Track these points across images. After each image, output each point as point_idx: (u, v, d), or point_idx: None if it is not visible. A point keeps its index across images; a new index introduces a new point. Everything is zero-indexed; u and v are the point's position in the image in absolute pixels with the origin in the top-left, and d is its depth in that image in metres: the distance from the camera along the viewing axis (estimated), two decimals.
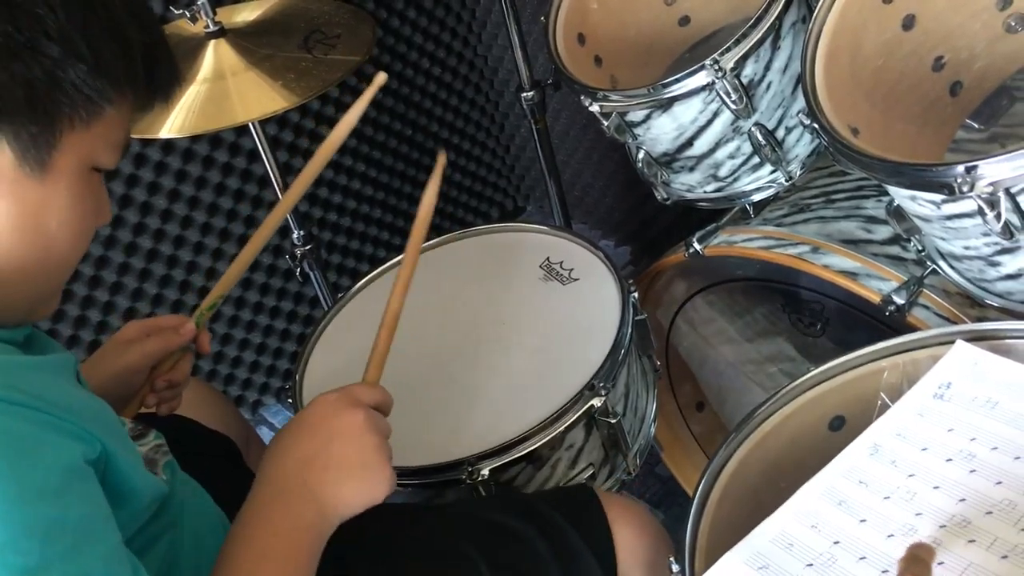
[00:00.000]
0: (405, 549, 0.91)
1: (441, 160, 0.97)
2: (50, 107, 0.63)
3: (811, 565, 0.72)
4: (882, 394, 0.89)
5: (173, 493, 0.79)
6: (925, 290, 1.06)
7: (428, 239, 1.37)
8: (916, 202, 0.90)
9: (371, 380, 0.90)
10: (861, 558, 0.71)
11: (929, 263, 1.02)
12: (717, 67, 1.05)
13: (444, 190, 2.17)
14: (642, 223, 2.05)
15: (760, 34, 1.06)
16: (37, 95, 0.62)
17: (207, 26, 1.30)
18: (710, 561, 0.78)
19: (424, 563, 0.91)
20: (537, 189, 2.35)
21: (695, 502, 0.82)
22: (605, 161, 2.04)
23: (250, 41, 1.31)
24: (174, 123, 1.24)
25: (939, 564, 0.67)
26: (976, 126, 1.09)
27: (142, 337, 0.96)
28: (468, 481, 1.01)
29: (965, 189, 0.79)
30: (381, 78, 0.99)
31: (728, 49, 1.05)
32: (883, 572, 0.69)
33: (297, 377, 1.22)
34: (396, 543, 0.92)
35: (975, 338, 0.86)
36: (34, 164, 0.64)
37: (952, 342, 0.86)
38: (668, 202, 1.30)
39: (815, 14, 0.98)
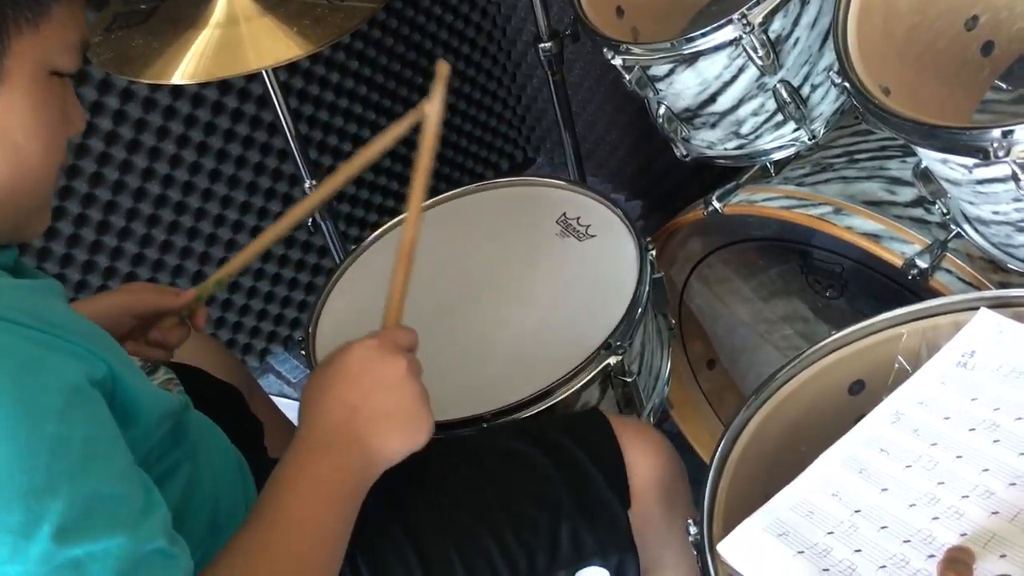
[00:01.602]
0: (419, 474, 0.90)
1: (442, 70, 0.93)
2: None
3: (832, 533, 0.71)
4: (900, 358, 0.88)
5: (188, 426, 0.79)
6: (948, 254, 1.05)
7: (445, 191, 1.36)
8: (947, 165, 0.88)
9: (393, 318, 0.89)
10: (883, 527, 0.70)
11: (954, 227, 1.00)
12: (745, 22, 1.03)
13: (455, 140, 2.17)
14: (655, 178, 2.03)
15: None
16: None
17: None
18: (728, 524, 0.78)
19: (437, 491, 0.91)
20: (548, 140, 2.32)
21: (714, 464, 0.82)
22: (619, 114, 2.01)
23: None
24: (186, 69, 1.21)
25: (962, 535, 0.67)
26: (1005, 87, 1.06)
27: (143, 291, 0.97)
28: None
29: (1000, 154, 0.77)
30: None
31: (757, 3, 1.03)
32: (905, 541, 0.69)
33: (310, 329, 1.21)
34: (411, 468, 0.91)
35: (999, 305, 0.85)
36: None
37: (975, 308, 0.85)
38: (687, 159, 1.28)
39: None
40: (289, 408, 1.31)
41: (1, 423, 0.55)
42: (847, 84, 0.91)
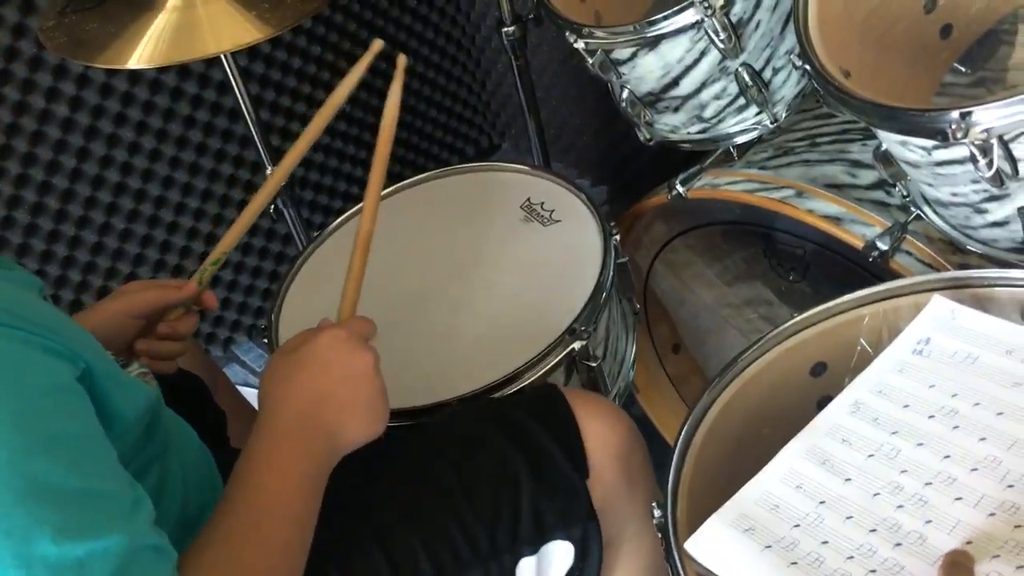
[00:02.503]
0: (382, 471, 0.91)
1: (400, 62, 0.97)
2: None
3: (798, 526, 0.71)
4: (862, 340, 0.89)
5: (160, 422, 0.79)
6: (908, 236, 1.06)
7: (408, 178, 1.36)
8: (906, 147, 0.89)
9: (349, 307, 0.92)
10: (848, 517, 0.70)
11: (913, 209, 1.01)
12: (707, 4, 1.03)
13: (419, 126, 2.16)
14: (619, 163, 2.03)
15: None
16: None
17: None
18: (692, 507, 0.78)
19: (399, 485, 0.91)
20: (513, 126, 2.32)
21: (678, 447, 0.82)
22: (583, 99, 2.00)
23: None
24: (143, 53, 1.19)
25: (927, 523, 0.68)
26: (963, 70, 1.08)
27: (140, 291, 0.95)
28: None
29: (959, 135, 0.78)
30: (377, 45, 1.00)
31: None
32: (871, 531, 0.69)
33: (273, 317, 1.20)
34: (373, 466, 0.92)
35: (957, 286, 0.86)
36: None
37: (935, 290, 0.86)
38: (651, 143, 1.28)
39: None
40: (254, 397, 1.30)
41: None
42: (808, 67, 0.91)
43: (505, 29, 1.49)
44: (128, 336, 0.95)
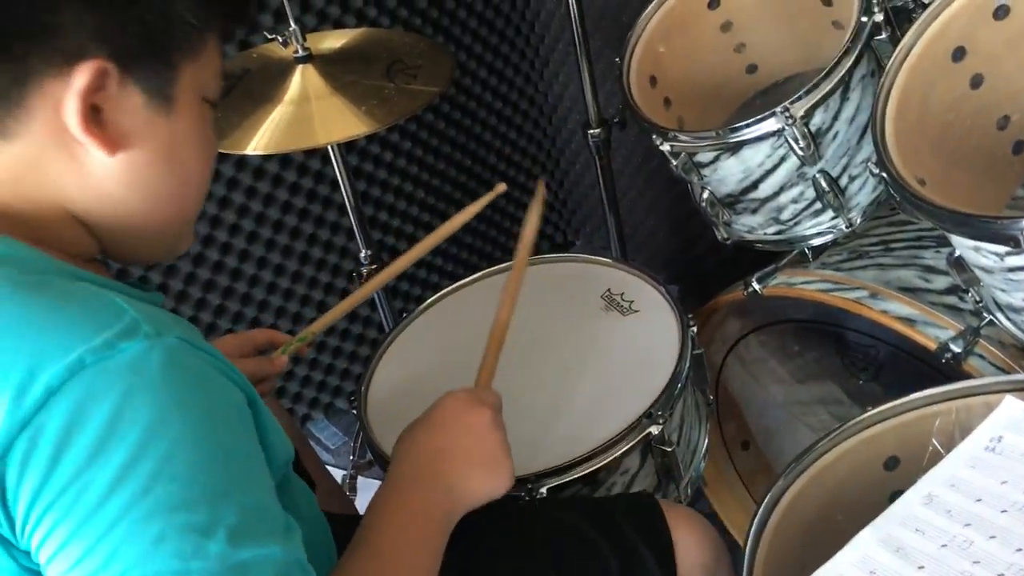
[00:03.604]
0: (489, 552, 0.96)
1: (540, 188, 1.10)
2: (167, 43, 0.68)
3: None
4: (934, 440, 0.91)
5: (289, 476, 0.84)
6: (981, 340, 1.08)
7: (487, 268, 1.43)
8: (979, 253, 0.93)
9: (484, 384, 0.99)
10: None
11: (986, 314, 1.04)
12: (787, 114, 1.09)
13: (498, 220, 2.25)
14: (690, 263, 2.09)
15: (831, 85, 1.10)
16: (155, 34, 0.67)
17: (296, 51, 1.36)
18: None
19: (495, 565, 0.95)
20: (588, 224, 2.40)
21: (753, 529, 0.85)
22: (658, 201, 2.08)
23: (336, 67, 1.37)
24: (260, 141, 1.30)
25: None
26: None
27: (237, 355, 1.04)
28: (527, 498, 1.05)
29: None
30: (500, 188, 1.16)
31: (799, 98, 1.10)
32: None
33: (362, 388, 1.26)
34: (480, 545, 0.96)
35: None
36: (161, 100, 0.69)
37: (1006, 391, 0.88)
38: (728, 242, 1.33)
39: (886, 70, 1.02)
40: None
41: (189, 430, 0.60)
42: (885, 175, 0.96)
43: (591, 131, 1.57)
44: None
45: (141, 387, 0.59)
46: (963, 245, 0.96)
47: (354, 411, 1.24)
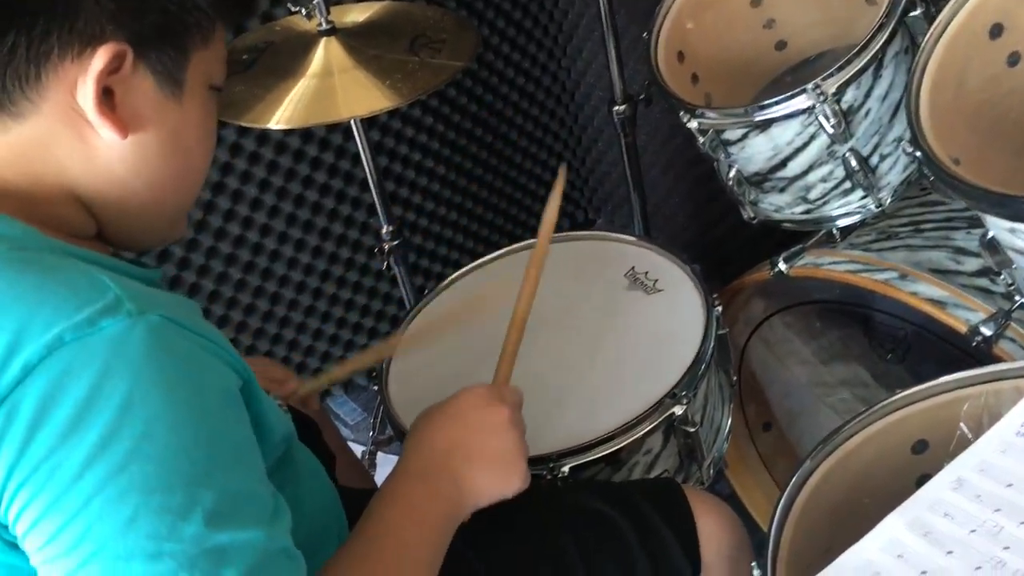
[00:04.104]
0: (510, 534, 0.95)
1: (561, 173, 1.07)
2: (180, 30, 0.69)
3: None
4: (962, 424, 0.90)
5: (292, 453, 0.83)
6: (1013, 323, 1.07)
7: (507, 246, 1.42)
8: (1015, 235, 0.91)
9: (503, 379, 0.97)
10: None
11: (1019, 297, 1.03)
12: (819, 91, 1.08)
13: (519, 198, 2.24)
14: (713, 242, 2.07)
15: (864, 62, 1.08)
16: (170, 20, 0.68)
17: (320, 24, 1.35)
18: (791, 571, 0.80)
19: (526, 554, 0.95)
20: (610, 202, 2.38)
21: (778, 510, 0.84)
22: (681, 180, 2.06)
23: (359, 41, 1.36)
24: (282, 115, 1.29)
25: None
26: None
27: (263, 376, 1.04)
28: (548, 477, 1.05)
29: None
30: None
31: (831, 74, 1.08)
32: None
33: (384, 365, 1.26)
34: (502, 527, 0.96)
35: None
36: (172, 85, 0.70)
37: None
38: (754, 221, 1.32)
39: (921, 46, 1.00)
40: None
41: (170, 411, 0.59)
42: (918, 153, 0.94)
43: (616, 108, 1.56)
44: None
45: (120, 364, 0.58)
46: (998, 226, 0.94)
47: (375, 387, 1.24)
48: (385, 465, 1.70)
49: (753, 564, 0.81)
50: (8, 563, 0.62)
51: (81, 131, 0.67)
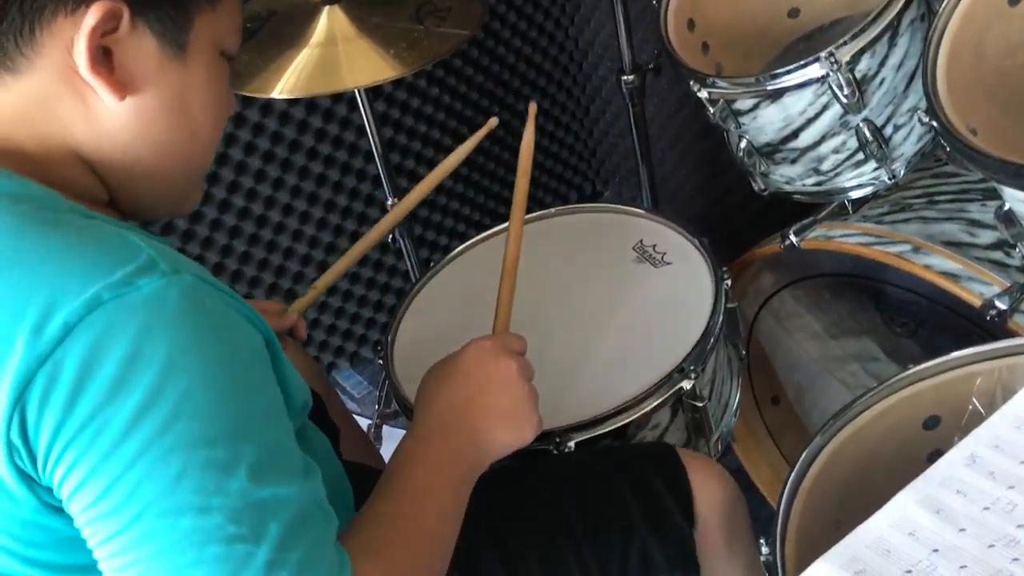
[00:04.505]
0: (516, 498, 0.96)
1: (532, 109, 1.10)
2: None
3: (910, 572, 0.71)
4: (974, 400, 0.89)
5: (306, 422, 0.83)
6: None
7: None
8: None
9: (501, 327, 0.97)
10: (962, 567, 0.70)
11: None
12: (832, 59, 1.05)
13: None
14: (722, 215, 2.05)
15: (879, 29, 1.05)
16: None
17: None
18: (800, 547, 0.79)
19: (530, 517, 0.95)
20: (617, 174, 2.36)
21: (788, 484, 0.83)
22: (690, 151, 2.04)
23: (363, 9, 1.33)
24: (285, 84, 1.27)
25: None
26: None
27: None
28: (555, 452, 1.04)
29: None
30: (492, 122, 1.14)
31: (845, 43, 1.05)
32: None
33: (389, 338, 1.25)
34: (508, 492, 0.96)
35: None
36: (174, 47, 0.68)
37: None
38: (765, 193, 1.30)
39: (939, 13, 0.98)
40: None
41: (208, 369, 0.59)
42: (935, 123, 0.92)
43: (625, 77, 1.53)
44: None
45: (159, 323, 0.58)
46: (1015, 198, 0.93)
47: (380, 360, 1.23)
48: (391, 439, 1.69)
49: (761, 540, 0.80)
50: (45, 524, 0.62)
51: (81, 91, 0.66)
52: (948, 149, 0.91)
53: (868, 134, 1.13)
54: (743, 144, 1.24)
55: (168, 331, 0.58)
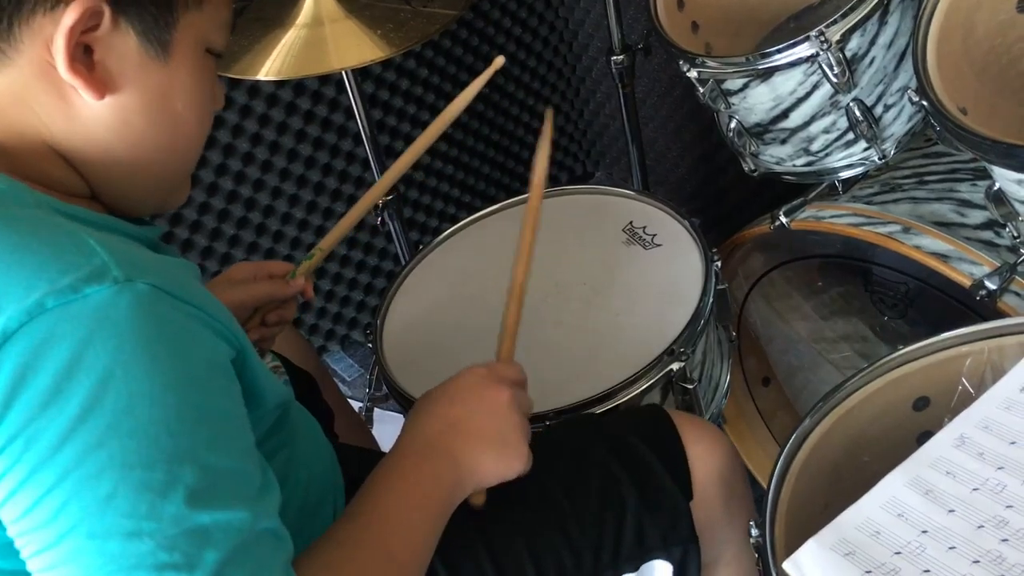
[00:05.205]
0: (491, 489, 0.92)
1: (548, 116, 1.02)
2: None
3: (899, 553, 0.71)
4: (963, 380, 0.89)
5: (289, 413, 0.82)
6: (1018, 277, 1.05)
7: (504, 200, 1.40)
8: (1022, 186, 0.89)
9: (506, 356, 0.94)
10: (951, 548, 0.70)
11: None
12: (822, 39, 1.04)
13: (516, 150, 2.20)
14: (713, 197, 2.04)
15: (869, 8, 1.04)
16: None
17: None
18: (789, 529, 0.79)
19: (512, 498, 0.91)
20: (608, 155, 2.35)
21: (778, 467, 0.83)
22: (680, 132, 2.03)
23: None
24: (272, 66, 1.26)
25: None
26: None
27: (251, 280, 1.00)
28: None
29: None
30: (499, 61, 1.06)
31: (835, 21, 1.04)
32: (974, 562, 0.69)
33: (378, 321, 1.25)
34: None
35: None
36: (157, 46, 0.67)
37: None
38: (755, 174, 1.29)
39: None
40: None
41: (153, 384, 0.57)
42: (925, 103, 0.92)
43: (614, 58, 1.52)
44: (241, 323, 0.99)
45: (103, 334, 0.56)
46: (1005, 178, 0.92)
47: (370, 344, 1.22)
48: (382, 421, 1.69)
49: (751, 523, 0.80)
50: None
51: (60, 88, 0.65)
52: (938, 129, 0.91)
53: (858, 114, 1.12)
54: (733, 124, 1.23)
55: (112, 341, 0.56)
